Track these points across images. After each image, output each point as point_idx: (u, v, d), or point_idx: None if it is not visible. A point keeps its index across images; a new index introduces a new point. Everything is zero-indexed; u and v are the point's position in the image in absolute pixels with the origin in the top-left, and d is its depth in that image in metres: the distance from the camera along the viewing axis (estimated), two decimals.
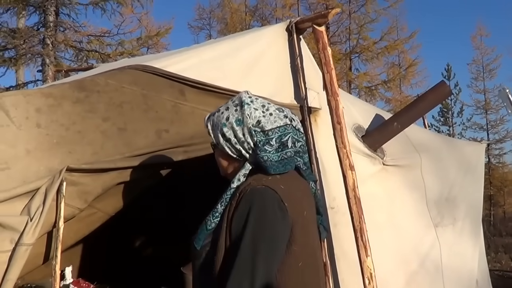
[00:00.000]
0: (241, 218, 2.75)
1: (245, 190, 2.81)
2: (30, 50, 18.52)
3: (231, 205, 2.81)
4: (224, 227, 2.80)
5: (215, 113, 3.06)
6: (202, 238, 2.91)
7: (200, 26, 40.25)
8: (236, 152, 2.98)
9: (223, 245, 2.79)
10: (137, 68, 4.21)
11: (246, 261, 2.67)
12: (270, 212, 2.78)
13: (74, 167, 3.60)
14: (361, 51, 30.54)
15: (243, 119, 2.94)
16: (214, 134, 3.03)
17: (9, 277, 3.29)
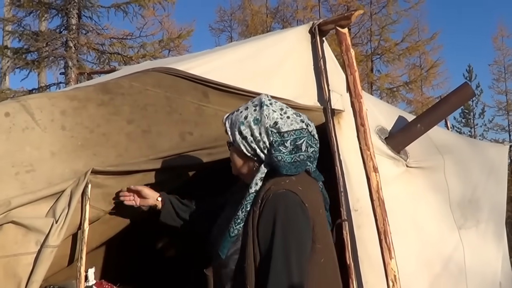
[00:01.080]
0: (268, 225, 2.91)
1: (267, 195, 2.96)
2: (52, 53, 18.61)
3: (254, 212, 2.96)
4: (250, 234, 2.93)
5: (234, 112, 3.19)
6: (227, 246, 3.02)
7: (221, 28, 40.28)
8: (251, 151, 3.12)
9: (252, 252, 2.92)
10: (160, 71, 4.23)
11: (280, 266, 2.83)
12: (294, 215, 2.93)
13: (99, 169, 3.61)
14: (383, 53, 30.43)
15: (261, 119, 3.07)
16: (231, 131, 3.16)
17: (35, 278, 3.30)
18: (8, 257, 3.31)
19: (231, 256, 3.03)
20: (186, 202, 3.81)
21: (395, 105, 26.24)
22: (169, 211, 3.73)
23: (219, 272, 3.12)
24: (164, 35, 26.98)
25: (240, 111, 3.18)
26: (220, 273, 3.12)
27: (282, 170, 3.05)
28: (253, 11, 35.96)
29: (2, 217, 3.28)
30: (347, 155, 4.72)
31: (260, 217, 2.94)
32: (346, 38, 4.84)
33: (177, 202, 3.78)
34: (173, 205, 3.74)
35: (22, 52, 19.48)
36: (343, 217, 4.47)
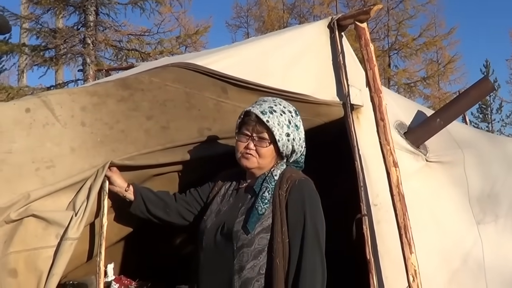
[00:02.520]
0: (297, 206, 3.28)
1: (292, 181, 3.32)
2: (70, 50, 18.69)
3: (281, 195, 3.28)
4: (278, 214, 3.23)
5: (272, 112, 3.34)
6: (255, 222, 3.25)
7: (237, 24, 40.32)
8: (288, 150, 3.40)
9: (280, 230, 3.20)
10: (180, 66, 4.23)
11: (313, 241, 3.23)
12: (317, 199, 3.34)
13: (117, 163, 3.64)
14: (400, 48, 30.37)
15: (299, 126, 3.42)
16: (278, 131, 3.33)
17: (55, 271, 3.32)
18: (29, 251, 3.33)
19: (257, 235, 3.25)
20: (161, 195, 3.83)
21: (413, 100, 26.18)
22: (139, 204, 3.75)
23: (240, 253, 3.26)
24: (181, 31, 26.96)
25: (280, 113, 3.37)
26: (241, 254, 3.26)
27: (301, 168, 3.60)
28: (270, 7, 35.95)
29: (22, 211, 3.29)
30: (366, 150, 4.71)
31: (289, 200, 3.30)
32: (365, 33, 4.83)
33: (149, 196, 3.79)
34: (144, 199, 3.76)
35: (40, 49, 19.59)
36: (363, 212, 4.47)
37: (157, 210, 3.78)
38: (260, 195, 3.32)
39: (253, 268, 3.22)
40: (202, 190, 3.78)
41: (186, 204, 3.78)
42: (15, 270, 3.28)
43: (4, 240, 3.27)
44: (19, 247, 3.31)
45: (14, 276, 3.27)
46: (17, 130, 3.40)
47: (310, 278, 3.13)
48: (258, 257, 3.23)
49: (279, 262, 3.17)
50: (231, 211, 3.44)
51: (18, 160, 3.36)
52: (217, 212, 3.52)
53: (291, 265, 3.18)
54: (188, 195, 3.81)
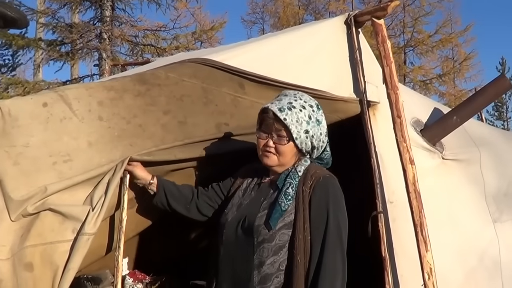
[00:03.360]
0: (321, 203, 3.24)
1: (316, 177, 3.28)
2: (87, 45, 18.73)
3: (304, 191, 3.24)
4: (301, 210, 3.20)
5: (291, 109, 3.28)
6: (277, 218, 3.21)
7: (253, 20, 40.27)
8: (309, 147, 3.35)
9: (302, 227, 3.17)
10: (197, 61, 4.23)
11: (335, 239, 3.18)
12: (341, 197, 3.30)
13: (137, 158, 3.64)
14: (416, 45, 30.26)
15: (321, 121, 3.35)
16: (296, 128, 3.27)
17: (71, 266, 3.32)
18: (45, 245, 3.34)
19: (278, 230, 3.21)
20: (183, 191, 3.84)
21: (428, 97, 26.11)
22: (161, 198, 3.77)
23: (261, 248, 3.23)
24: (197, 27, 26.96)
25: (299, 109, 3.30)
26: (261, 249, 3.23)
27: (329, 163, 3.55)
28: (285, 3, 35.89)
29: (39, 204, 3.29)
30: (382, 147, 4.70)
31: (312, 196, 3.25)
32: (382, 29, 4.83)
33: (171, 190, 3.80)
34: (166, 193, 3.77)
35: (56, 44, 19.64)
36: (378, 209, 4.46)
37: (178, 205, 3.79)
38: (284, 191, 3.28)
39: (273, 264, 3.19)
40: (223, 184, 3.77)
41: (207, 199, 3.77)
42: (31, 264, 3.29)
43: (21, 233, 3.28)
44: (36, 241, 3.31)
45: (30, 270, 3.28)
46: (35, 124, 3.41)
47: (330, 277, 3.10)
48: (279, 253, 3.20)
49: (300, 259, 3.14)
50: (252, 205, 3.41)
51: (35, 154, 3.36)
52: (238, 205, 3.50)
53: (312, 263, 3.14)
54: (210, 189, 3.80)
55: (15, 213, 3.23)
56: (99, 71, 18.99)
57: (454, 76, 33.33)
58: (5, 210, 3.22)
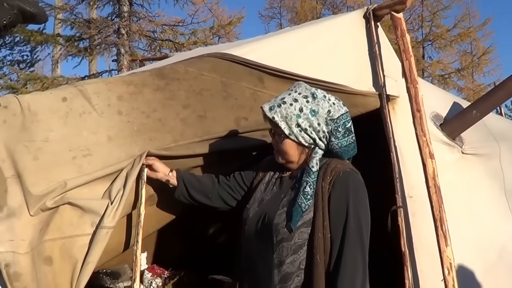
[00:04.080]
0: (341, 200, 3.15)
1: (336, 173, 3.18)
2: (105, 40, 18.79)
3: (324, 187, 3.14)
4: (320, 208, 3.12)
5: (280, 105, 3.24)
6: (298, 220, 3.13)
7: (270, 15, 40.12)
8: (310, 140, 3.23)
9: (322, 225, 3.10)
10: (216, 56, 4.24)
11: (355, 236, 3.10)
12: (363, 193, 3.22)
13: (155, 153, 3.65)
14: (434, 39, 30.10)
15: (318, 110, 3.19)
16: (286, 124, 3.22)
17: (90, 259, 3.34)
18: (64, 239, 3.35)
19: (297, 229, 3.15)
20: (203, 180, 3.82)
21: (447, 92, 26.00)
22: (181, 190, 3.75)
23: (280, 247, 3.18)
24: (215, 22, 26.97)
25: (290, 103, 3.23)
26: (280, 248, 3.18)
27: (343, 155, 3.32)
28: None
29: (58, 199, 3.31)
30: (401, 141, 4.69)
31: (332, 193, 3.16)
32: (401, 23, 4.81)
33: (191, 181, 3.78)
34: (186, 184, 3.74)
35: (74, 39, 19.71)
36: (398, 204, 4.44)
37: (199, 195, 3.76)
38: (302, 190, 3.18)
39: (293, 263, 3.14)
40: (245, 175, 3.73)
41: (228, 189, 3.74)
42: (50, 257, 3.30)
43: (40, 228, 3.30)
44: (55, 235, 3.33)
45: (49, 264, 3.29)
46: (54, 119, 3.43)
47: (349, 276, 3.03)
48: (298, 252, 3.13)
49: (320, 258, 3.08)
50: (273, 202, 3.36)
51: (55, 149, 3.39)
52: (260, 201, 3.45)
53: (331, 261, 3.08)
54: (232, 179, 3.77)
55: (34, 208, 3.25)
56: (117, 66, 19.04)
57: (473, 71, 33.12)
58: (24, 205, 3.25)
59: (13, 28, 3.54)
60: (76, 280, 3.32)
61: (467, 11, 33.33)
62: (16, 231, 3.19)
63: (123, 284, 4.53)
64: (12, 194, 3.23)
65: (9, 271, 3.11)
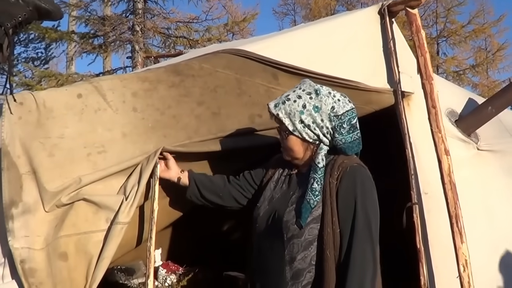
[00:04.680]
0: (348, 195, 3.21)
1: (343, 168, 3.21)
2: (119, 37, 18.83)
3: (331, 183, 3.17)
4: (329, 204, 3.15)
5: (284, 102, 3.29)
6: (307, 216, 3.15)
7: (284, 11, 40.12)
8: (314, 137, 3.26)
9: (331, 220, 3.12)
10: (230, 52, 4.24)
11: (364, 230, 3.12)
12: (370, 187, 3.24)
13: (170, 149, 3.67)
14: (449, 35, 29.98)
15: (321, 106, 3.22)
16: (290, 121, 3.26)
17: (105, 255, 3.37)
18: (79, 235, 3.38)
19: (307, 225, 3.17)
20: (214, 180, 3.84)
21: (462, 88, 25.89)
22: (193, 190, 3.77)
23: (290, 244, 3.20)
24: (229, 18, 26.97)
25: (294, 100, 3.27)
26: (291, 245, 3.20)
27: (347, 151, 3.31)
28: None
29: (74, 195, 3.34)
30: (416, 137, 4.67)
31: (339, 188, 3.19)
32: (417, 19, 4.79)
33: (202, 181, 3.80)
34: (197, 184, 3.76)
35: (88, 36, 19.76)
36: (413, 201, 4.43)
37: (211, 195, 3.78)
38: (309, 186, 3.21)
39: (304, 259, 3.16)
40: (255, 173, 3.75)
41: (239, 188, 3.76)
42: (65, 253, 3.32)
43: (55, 224, 3.32)
44: (70, 231, 3.35)
45: (65, 260, 3.31)
46: (69, 115, 3.45)
47: (359, 269, 3.04)
48: (309, 248, 3.15)
49: (329, 253, 3.09)
50: (282, 199, 3.38)
51: (70, 145, 3.41)
52: (270, 199, 3.47)
53: (341, 256, 3.10)
54: (242, 178, 3.78)
55: (49, 204, 3.28)
56: (132, 63, 19.09)
57: (487, 67, 32.96)
58: (40, 201, 3.27)
59: (28, 25, 3.55)
60: (91, 276, 3.34)
61: (482, 7, 33.23)
62: (31, 227, 3.22)
63: (137, 280, 4.55)
64: (28, 190, 3.26)
65: (25, 267, 3.13)
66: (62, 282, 3.27)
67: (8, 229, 3.16)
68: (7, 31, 3.25)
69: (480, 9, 32.50)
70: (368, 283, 3.04)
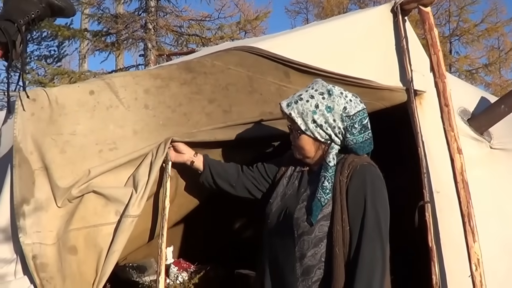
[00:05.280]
0: (358, 193, 3.20)
1: (354, 166, 3.23)
2: (132, 35, 18.87)
3: (341, 181, 3.19)
4: (339, 202, 3.16)
5: (297, 101, 3.31)
6: (318, 214, 3.17)
7: (297, 10, 40.21)
8: (326, 136, 3.27)
9: (340, 218, 3.14)
10: (243, 49, 4.24)
11: (373, 228, 3.14)
12: (380, 186, 3.25)
13: (178, 140, 3.69)
14: (461, 34, 29.90)
15: (333, 107, 3.24)
16: (302, 120, 3.28)
17: (115, 248, 3.38)
18: (88, 228, 3.40)
19: (317, 222, 3.19)
20: (228, 169, 3.86)
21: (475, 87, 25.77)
22: (207, 176, 3.80)
23: (301, 240, 3.22)
24: (241, 17, 27.00)
25: (306, 100, 3.29)
26: (301, 241, 3.22)
27: (358, 151, 3.34)
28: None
29: (83, 187, 3.36)
30: (429, 136, 4.66)
31: (349, 186, 3.21)
32: (429, 17, 4.78)
33: (216, 168, 3.83)
34: (211, 170, 3.80)
35: (101, 34, 19.82)
36: (425, 199, 4.42)
37: (224, 183, 3.80)
38: (320, 184, 3.23)
39: (314, 256, 3.18)
40: (269, 168, 3.76)
41: (253, 179, 3.78)
42: (75, 247, 3.34)
43: (66, 218, 3.34)
44: (79, 224, 3.37)
45: (74, 253, 3.33)
46: (81, 112, 3.46)
47: (368, 268, 3.05)
48: (319, 245, 3.18)
49: (339, 251, 3.11)
50: (294, 196, 3.41)
51: (82, 142, 3.43)
52: (282, 195, 3.49)
53: (351, 253, 3.13)
54: (255, 170, 3.80)
55: (61, 200, 3.30)
56: (144, 61, 19.13)
57: (500, 66, 32.89)
58: (52, 197, 3.29)
59: (41, 22, 3.56)
60: (101, 269, 3.36)
61: (495, 6, 33.17)
62: (43, 223, 3.24)
63: (149, 277, 4.56)
64: (40, 186, 3.27)
65: (36, 262, 3.15)
66: (71, 275, 3.29)
67: (19, 226, 3.17)
68: (20, 28, 3.26)
69: (493, 8, 32.46)
70: (376, 281, 3.05)
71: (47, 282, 3.16)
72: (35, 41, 23.47)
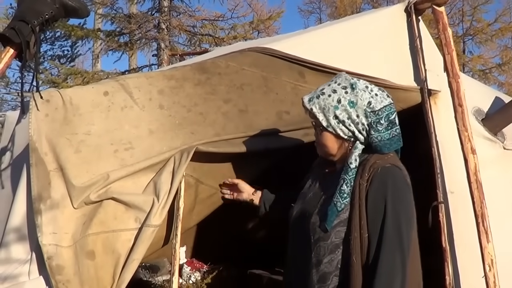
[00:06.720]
0: (378, 198, 3.00)
1: (375, 169, 3.04)
2: (145, 35, 18.91)
3: (361, 185, 3.01)
4: (357, 207, 2.99)
5: (319, 96, 3.17)
6: (333, 220, 3.02)
7: (310, 10, 40.17)
8: (349, 133, 3.12)
9: (358, 224, 2.97)
10: (256, 50, 4.25)
11: (393, 237, 2.94)
12: (403, 189, 3.07)
13: (202, 149, 3.65)
14: (475, 34, 29.79)
15: (356, 101, 3.08)
16: (324, 116, 3.14)
17: (135, 257, 3.37)
18: (107, 233, 3.38)
19: (333, 228, 3.06)
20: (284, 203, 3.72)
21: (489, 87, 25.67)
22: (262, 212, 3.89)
23: (317, 246, 3.12)
24: (254, 16, 27.01)
25: (328, 95, 3.15)
26: (317, 247, 3.11)
27: (383, 149, 3.15)
28: None
29: (102, 192, 3.36)
30: (443, 136, 4.64)
31: (369, 190, 3.03)
32: (443, 17, 4.77)
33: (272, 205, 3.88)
34: (265, 204, 3.86)
35: (114, 34, 19.87)
36: (439, 199, 4.40)
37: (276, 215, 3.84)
38: (338, 188, 3.06)
39: (331, 262, 3.05)
40: None
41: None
42: (93, 252, 3.34)
43: (83, 221, 3.34)
44: (98, 229, 3.36)
45: (92, 259, 3.33)
46: (96, 112, 3.48)
47: (386, 278, 2.88)
48: (335, 251, 3.04)
49: (356, 259, 2.95)
50: (313, 199, 3.29)
51: (96, 142, 3.44)
52: (303, 198, 3.41)
53: (369, 262, 2.96)
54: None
55: (77, 201, 3.30)
56: (157, 61, 19.15)
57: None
58: (67, 198, 3.29)
59: (55, 22, 3.58)
60: (118, 275, 3.35)
61: (508, 5, 32.93)
62: (59, 223, 3.24)
63: (162, 277, 4.57)
64: (56, 188, 3.28)
65: (52, 263, 3.15)
66: (89, 280, 3.29)
67: (37, 224, 3.18)
68: (34, 29, 3.28)
69: (506, 8, 32.24)
70: None
71: (63, 286, 3.17)
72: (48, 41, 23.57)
